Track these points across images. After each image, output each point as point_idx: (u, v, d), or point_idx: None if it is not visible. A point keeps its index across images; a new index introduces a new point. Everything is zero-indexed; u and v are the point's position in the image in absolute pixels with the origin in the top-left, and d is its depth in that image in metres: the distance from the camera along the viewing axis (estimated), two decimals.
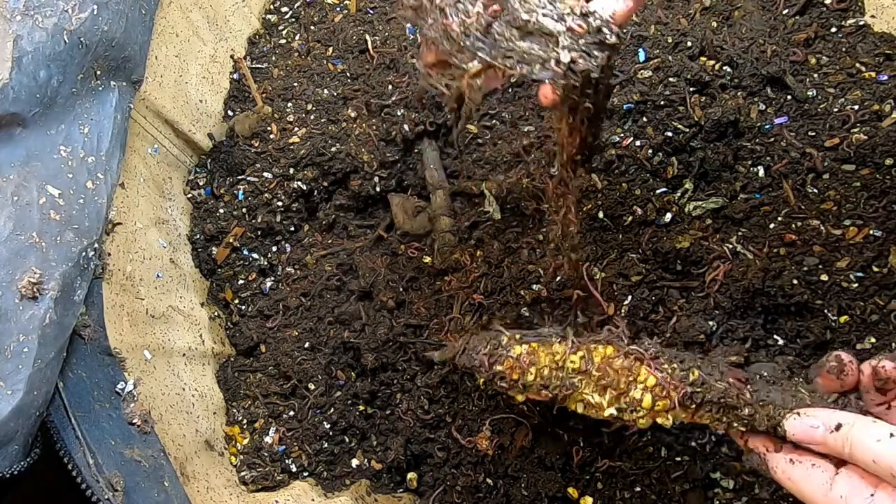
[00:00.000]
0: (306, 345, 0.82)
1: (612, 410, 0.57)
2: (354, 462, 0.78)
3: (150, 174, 0.80)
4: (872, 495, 0.45)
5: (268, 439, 0.79)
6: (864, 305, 0.69)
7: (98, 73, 0.65)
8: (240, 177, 0.87)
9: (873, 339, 0.69)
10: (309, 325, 0.83)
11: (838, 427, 0.48)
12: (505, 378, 0.60)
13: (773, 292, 0.70)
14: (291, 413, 0.80)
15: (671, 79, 0.81)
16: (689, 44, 0.83)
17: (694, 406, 0.55)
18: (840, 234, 0.72)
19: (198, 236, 0.86)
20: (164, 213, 0.82)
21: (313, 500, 0.75)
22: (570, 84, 0.51)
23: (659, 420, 0.57)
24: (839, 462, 0.49)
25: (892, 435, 0.45)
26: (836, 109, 0.77)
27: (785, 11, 0.86)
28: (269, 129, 0.89)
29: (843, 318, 0.70)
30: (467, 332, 0.70)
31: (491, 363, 0.60)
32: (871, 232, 0.71)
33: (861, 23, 0.82)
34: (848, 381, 0.52)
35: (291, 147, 0.87)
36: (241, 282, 0.86)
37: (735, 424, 0.55)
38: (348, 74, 0.92)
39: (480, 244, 0.81)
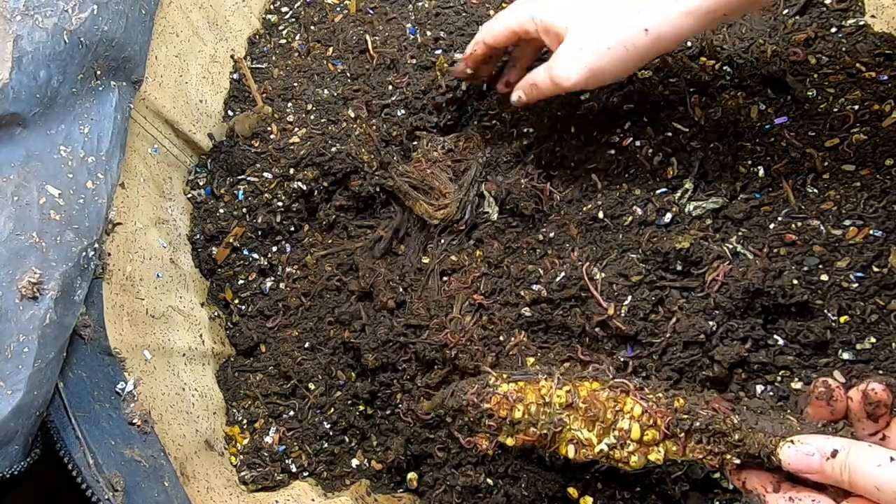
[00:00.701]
0: (306, 345, 0.82)
1: (603, 446, 0.59)
2: (354, 462, 0.78)
3: (150, 174, 0.80)
4: None
5: (268, 439, 0.79)
6: (864, 305, 0.69)
7: (98, 73, 0.65)
8: (240, 177, 0.87)
9: (873, 339, 0.69)
10: (309, 325, 0.83)
11: (834, 454, 0.46)
12: (493, 416, 0.61)
13: (773, 292, 0.70)
14: (291, 413, 0.80)
15: (671, 79, 0.81)
16: (689, 44, 0.83)
17: (683, 434, 0.56)
18: (840, 234, 0.72)
19: (198, 236, 0.86)
20: (164, 213, 0.82)
21: (313, 500, 0.75)
22: None
23: (651, 457, 0.57)
24: (840, 493, 0.48)
25: (892, 459, 0.43)
26: (836, 109, 0.77)
27: (785, 11, 0.86)
28: (269, 129, 0.89)
29: (843, 318, 0.70)
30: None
31: (479, 401, 0.62)
32: (871, 232, 0.71)
33: (861, 23, 0.82)
34: (838, 408, 0.51)
35: (291, 147, 0.87)
36: (241, 282, 0.86)
37: (728, 456, 0.54)
38: (348, 74, 0.92)
39: (480, 244, 0.81)
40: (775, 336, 0.71)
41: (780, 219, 0.74)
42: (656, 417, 0.57)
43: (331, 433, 0.79)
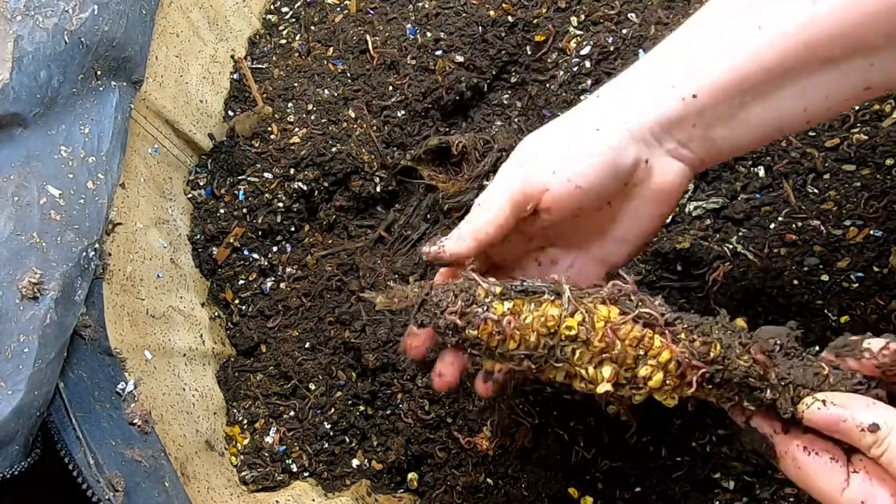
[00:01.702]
0: (307, 345, 0.82)
1: (608, 386, 0.48)
2: (355, 462, 0.78)
3: (151, 174, 0.80)
4: None
5: (268, 439, 0.79)
6: (864, 305, 0.69)
7: (98, 73, 0.65)
8: (240, 177, 0.88)
9: (870, 334, 0.69)
10: (309, 325, 0.83)
11: (874, 428, 0.43)
12: (480, 345, 0.48)
13: (774, 292, 0.70)
14: (292, 413, 0.80)
15: None
16: None
17: (710, 388, 0.47)
18: (840, 234, 0.72)
19: (198, 236, 0.86)
20: (164, 213, 0.82)
21: (314, 500, 0.75)
22: None
23: (659, 397, 0.48)
24: (849, 449, 0.46)
25: None
26: None
27: None
28: (269, 129, 0.89)
29: (843, 318, 0.70)
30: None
31: (462, 326, 0.47)
32: (871, 232, 0.71)
33: None
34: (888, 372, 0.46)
35: (292, 147, 0.87)
36: (241, 282, 0.86)
37: (746, 404, 0.48)
38: (349, 75, 0.92)
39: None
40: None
41: (780, 219, 0.74)
42: (686, 369, 0.47)
43: (331, 433, 0.79)
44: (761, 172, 0.76)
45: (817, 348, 0.50)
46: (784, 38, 0.47)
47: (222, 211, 0.87)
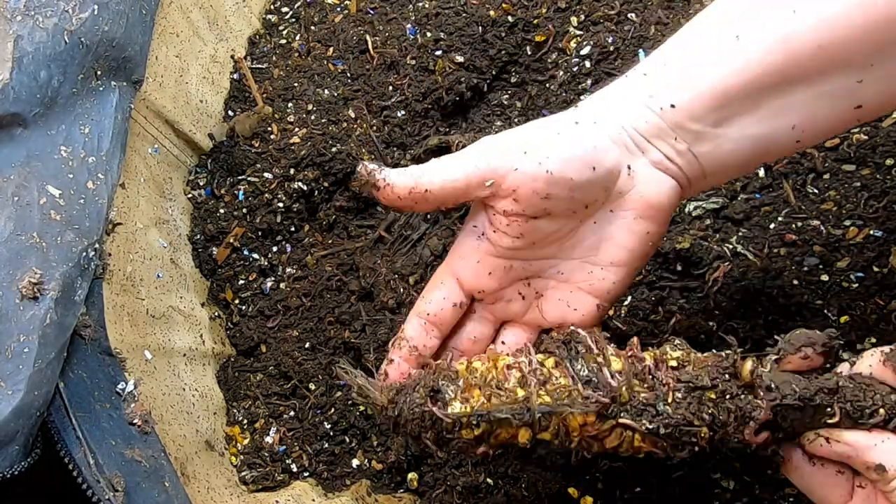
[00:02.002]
0: (307, 345, 0.82)
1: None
2: (355, 462, 0.78)
3: (151, 174, 0.80)
4: None
5: (268, 439, 0.79)
6: (864, 305, 0.69)
7: (98, 73, 0.65)
8: (240, 177, 0.88)
9: (874, 340, 0.69)
10: (309, 325, 0.83)
11: (879, 469, 0.42)
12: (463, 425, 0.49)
13: (774, 292, 0.70)
14: (292, 413, 0.80)
15: None
16: None
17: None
18: (840, 234, 0.72)
19: (198, 236, 0.86)
20: (164, 213, 0.82)
21: (314, 500, 0.75)
22: None
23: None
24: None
25: None
26: None
27: None
28: (269, 129, 0.89)
29: (843, 318, 0.70)
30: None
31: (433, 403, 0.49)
32: (871, 232, 0.71)
33: None
34: None
35: (292, 147, 0.87)
36: (241, 282, 0.86)
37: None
38: (349, 75, 0.92)
39: None
40: (775, 336, 0.71)
41: (780, 219, 0.74)
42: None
43: (331, 433, 0.79)
44: (761, 172, 0.76)
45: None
46: (764, 51, 0.46)
47: (222, 211, 0.87)
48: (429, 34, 0.89)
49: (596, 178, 0.49)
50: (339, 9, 0.98)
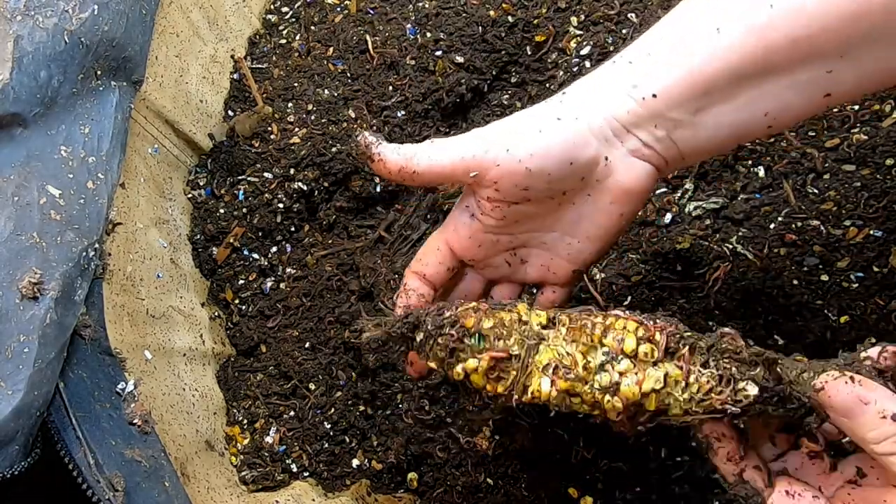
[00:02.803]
0: (307, 345, 0.82)
1: (588, 380, 0.48)
2: (355, 462, 0.78)
3: (151, 174, 0.80)
4: None
5: (268, 439, 0.79)
6: (864, 305, 0.69)
7: (98, 73, 0.65)
8: (240, 177, 0.88)
9: (873, 340, 0.68)
10: (309, 325, 0.83)
11: None
12: (457, 324, 0.51)
13: (774, 292, 0.70)
14: (292, 413, 0.80)
15: None
16: None
17: (686, 350, 0.47)
18: (840, 234, 0.72)
19: (198, 236, 0.86)
20: (164, 213, 0.82)
21: (314, 500, 0.75)
22: None
23: (646, 385, 0.47)
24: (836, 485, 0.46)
25: None
26: (836, 109, 0.77)
27: None
28: (269, 129, 0.89)
29: (843, 319, 0.70)
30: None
31: (438, 312, 0.51)
32: (871, 232, 0.71)
33: None
34: None
35: (292, 147, 0.87)
36: (241, 282, 0.86)
37: (742, 385, 0.46)
38: (349, 75, 0.92)
39: None
40: (775, 336, 0.71)
41: (780, 219, 0.74)
42: (654, 332, 0.47)
43: (331, 433, 0.79)
44: (761, 172, 0.76)
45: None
46: (741, 42, 0.47)
47: (222, 211, 0.87)
48: (429, 34, 0.89)
49: (573, 172, 0.52)
50: (339, 9, 0.98)
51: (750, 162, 0.77)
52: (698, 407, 0.47)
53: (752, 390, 0.46)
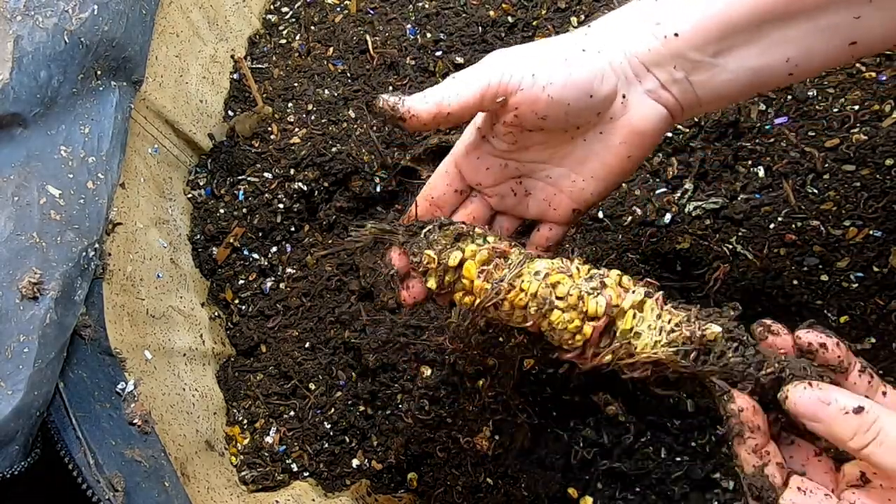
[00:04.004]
0: (307, 345, 0.82)
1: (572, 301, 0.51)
2: (355, 462, 0.78)
3: (151, 174, 0.80)
4: None
5: (268, 439, 0.79)
6: (864, 305, 0.69)
7: (98, 73, 0.65)
8: (240, 177, 0.88)
9: (873, 340, 0.69)
10: (309, 325, 0.83)
11: (858, 410, 0.42)
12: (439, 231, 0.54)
13: (774, 292, 0.70)
14: (292, 413, 0.80)
15: None
16: None
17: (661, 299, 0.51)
18: (840, 234, 0.72)
19: (198, 236, 0.86)
20: (164, 213, 0.82)
21: (314, 499, 0.75)
22: None
23: (626, 308, 0.51)
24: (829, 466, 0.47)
25: None
26: (836, 109, 0.77)
27: None
28: (269, 129, 0.89)
29: (843, 319, 0.70)
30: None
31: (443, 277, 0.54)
32: (871, 232, 0.71)
33: None
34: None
35: (292, 147, 0.87)
36: (241, 282, 0.86)
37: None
38: (349, 75, 0.92)
39: None
40: None
41: (779, 219, 0.74)
42: (635, 280, 0.52)
43: (331, 433, 0.79)
44: (761, 172, 0.76)
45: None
46: None
47: (222, 211, 0.87)
48: (429, 34, 0.89)
49: (591, 105, 0.52)
50: (339, 9, 0.98)
51: (750, 162, 0.77)
52: (665, 343, 0.49)
53: (716, 329, 0.49)
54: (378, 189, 0.86)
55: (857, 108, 0.76)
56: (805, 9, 0.47)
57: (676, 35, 0.50)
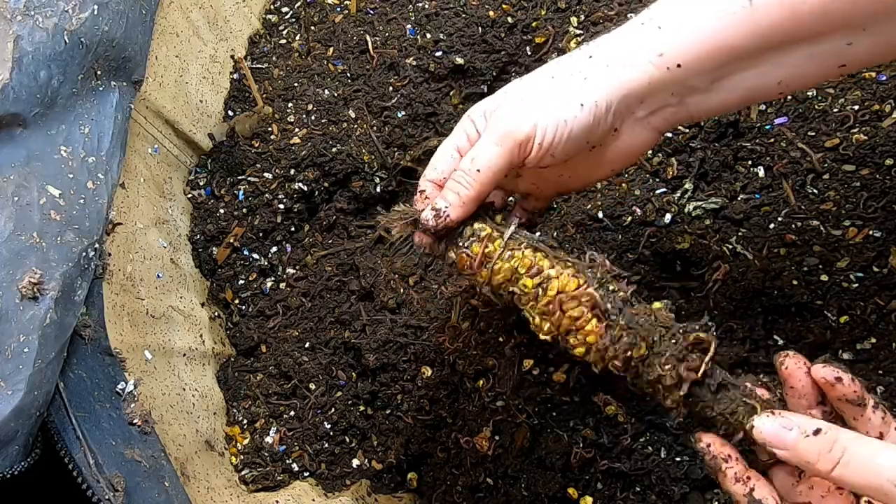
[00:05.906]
0: (307, 345, 0.82)
1: (547, 338, 0.54)
2: (355, 462, 0.78)
3: (151, 174, 0.80)
4: None
5: (268, 439, 0.79)
6: (864, 305, 0.69)
7: (98, 73, 0.65)
8: (240, 177, 0.88)
9: (873, 340, 0.69)
10: (309, 325, 0.83)
11: (817, 432, 0.43)
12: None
13: (773, 293, 0.70)
14: (292, 413, 0.80)
15: None
16: None
17: (633, 377, 0.51)
18: (840, 234, 0.72)
19: (198, 236, 0.86)
20: (164, 213, 0.82)
21: (314, 500, 0.75)
22: None
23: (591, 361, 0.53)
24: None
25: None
26: (836, 109, 0.77)
27: None
28: (269, 129, 0.89)
29: (843, 319, 0.70)
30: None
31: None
32: (871, 232, 0.71)
33: None
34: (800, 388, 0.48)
35: (292, 147, 0.87)
36: (241, 282, 0.86)
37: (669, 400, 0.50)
38: (349, 75, 0.92)
39: None
40: (775, 336, 0.71)
41: (779, 219, 0.74)
42: (605, 354, 0.52)
43: (331, 433, 0.79)
44: (761, 172, 0.76)
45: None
46: (771, 11, 0.48)
47: (222, 211, 0.87)
48: (429, 34, 0.89)
49: (586, 146, 0.55)
50: (339, 9, 0.98)
51: (750, 162, 0.77)
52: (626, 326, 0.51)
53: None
54: (378, 189, 0.86)
55: (856, 108, 0.76)
56: (807, 36, 0.48)
57: (679, 66, 0.51)
